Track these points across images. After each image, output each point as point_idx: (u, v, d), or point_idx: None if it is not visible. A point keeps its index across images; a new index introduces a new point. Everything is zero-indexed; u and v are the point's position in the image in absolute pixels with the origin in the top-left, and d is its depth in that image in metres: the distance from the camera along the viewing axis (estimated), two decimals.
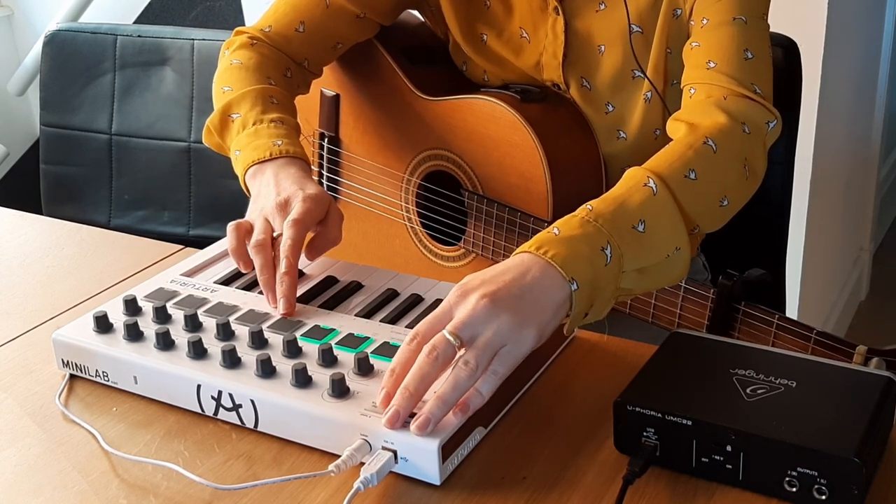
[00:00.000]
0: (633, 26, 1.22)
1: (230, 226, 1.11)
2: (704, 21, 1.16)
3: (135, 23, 2.83)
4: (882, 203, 3.38)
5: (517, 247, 1.02)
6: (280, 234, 1.08)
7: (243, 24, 2.62)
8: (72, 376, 1.06)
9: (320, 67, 1.36)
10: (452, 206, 1.31)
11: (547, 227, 1.04)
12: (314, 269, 1.18)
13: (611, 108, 1.25)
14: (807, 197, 2.22)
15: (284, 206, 1.10)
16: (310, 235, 1.12)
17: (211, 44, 2.07)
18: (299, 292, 1.11)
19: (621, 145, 1.28)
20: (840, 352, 0.97)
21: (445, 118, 1.29)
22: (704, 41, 1.16)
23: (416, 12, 1.43)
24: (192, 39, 2.09)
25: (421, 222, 1.34)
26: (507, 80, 1.33)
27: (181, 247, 1.37)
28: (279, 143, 1.17)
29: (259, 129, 1.19)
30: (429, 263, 1.34)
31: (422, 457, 0.85)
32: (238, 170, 1.19)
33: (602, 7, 1.23)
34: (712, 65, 1.14)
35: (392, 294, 1.11)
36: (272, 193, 1.12)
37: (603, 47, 1.24)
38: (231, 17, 2.71)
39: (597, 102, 1.27)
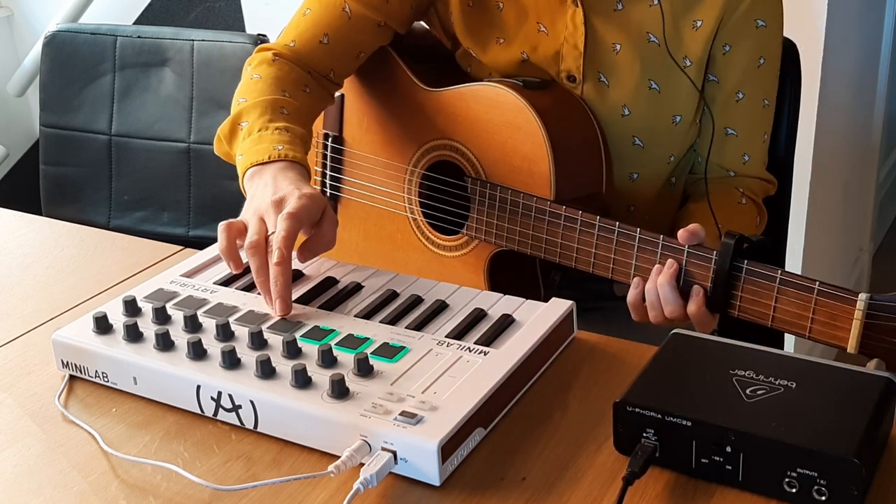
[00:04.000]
0: (650, 35, 1.25)
1: (221, 225, 1.10)
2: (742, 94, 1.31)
3: (134, 23, 2.83)
4: (881, 204, 3.38)
5: (521, 227, 1.11)
6: (274, 232, 1.08)
7: (243, 25, 2.63)
8: (71, 377, 1.06)
9: (344, 78, 1.38)
10: (455, 194, 1.32)
11: (550, 206, 1.16)
12: (314, 269, 1.18)
13: (627, 112, 1.27)
14: (806, 197, 2.22)
15: (279, 204, 1.09)
16: (303, 239, 1.12)
17: (210, 45, 2.08)
18: (299, 293, 1.12)
19: (637, 153, 1.30)
20: (843, 300, 0.98)
21: (448, 107, 1.31)
22: (755, 119, 1.34)
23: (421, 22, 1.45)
24: (192, 40, 2.09)
25: (423, 212, 1.35)
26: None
27: (181, 247, 1.38)
28: (280, 147, 1.17)
29: (263, 135, 1.20)
30: (431, 255, 1.34)
31: (421, 457, 0.86)
32: (239, 174, 1.20)
33: (619, 7, 1.25)
34: (766, 137, 1.35)
35: (392, 295, 1.11)
36: (269, 193, 1.12)
37: (618, 46, 1.26)
38: (231, 17, 2.71)
39: (613, 102, 1.28)
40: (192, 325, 1.04)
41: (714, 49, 1.27)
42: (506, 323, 1.04)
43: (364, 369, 0.95)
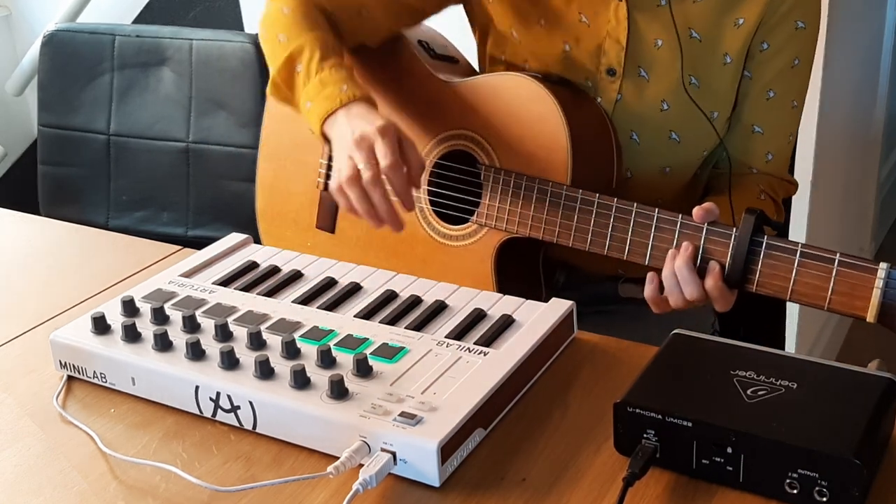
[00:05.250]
0: (692, 31, 1.26)
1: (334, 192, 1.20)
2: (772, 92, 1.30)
3: (133, 23, 2.82)
4: (882, 204, 3.38)
5: (534, 212, 1.20)
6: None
7: (242, 25, 2.63)
8: (70, 377, 1.05)
9: (346, 34, 1.39)
10: (466, 181, 1.32)
11: (566, 190, 1.20)
12: (314, 269, 1.18)
13: (665, 107, 1.27)
14: (807, 197, 2.22)
15: (360, 141, 1.17)
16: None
17: (210, 44, 2.07)
18: (299, 293, 1.12)
19: (672, 148, 1.30)
20: (864, 269, 1.00)
21: (465, 98, 1.31)
22: (785, 118, 1.33)
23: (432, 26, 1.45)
24: (191, 40, 2.09)
25: (430, 201, 1.35)
26: (550, 71, 1.34)
27: (180, 247, 1.37)
28: (344, 88, 1.24)
29: (323, 77, 1.26)
30: (436, 245, 1.34)
31: (421, 458, 0.85)
32: (312, 122, 1.26)
33: (663, 3, 1.26)
34: (791, 138, 1.34)
35: (391, 295, 1.11)
36: (347, 134, 1.20)
37: (660, 42, 1.26)
38: (230, 17, 2.71)
39: (652, 98, 1.28)
40: (191, 325, 1.04)
41: (752, 45, 1.27)
42: (506, 323, 1.04)
43: (363, 370, 0.95)
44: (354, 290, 1.13)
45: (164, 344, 1.01)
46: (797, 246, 1.03)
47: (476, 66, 1.48)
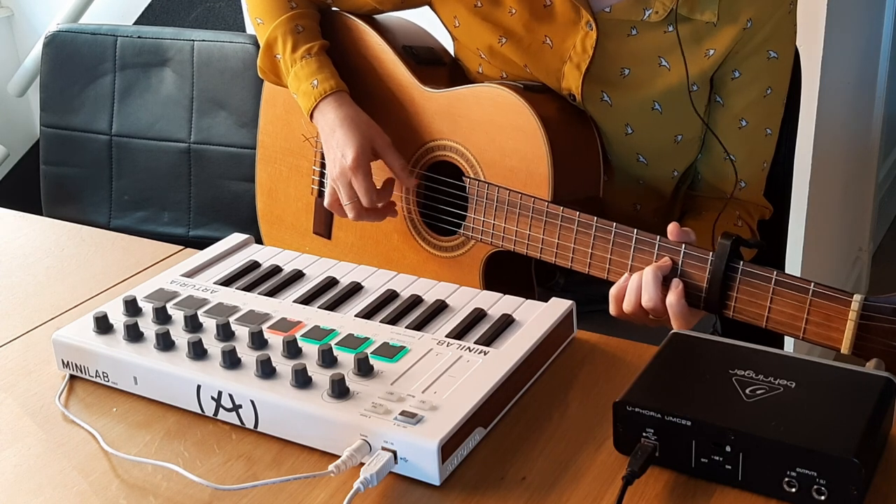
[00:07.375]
0: (662, 59, 1.26)
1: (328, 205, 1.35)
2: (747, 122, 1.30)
3: (135, 24, 2.83)
4: (881, 204, 3.38)
5: (518, 227, 1.20)
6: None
7: (243, 25, 2.63)
8: (72, 377, 1.06)
9: None
10: (453, 194, 1.32)
11: (548, 206, 1.18)
12: (315, 269, 1.19)
13: (630, 131, 1.27)
14: (806, 197, 2.22)
15: (341, 177, 1.29)
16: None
17: (211, 45, 2.08)
18: (300, 293, 1.12)
19: (642, 169, 1.31)
20: (838, 301, 0.98)
21: (448, 108, 1.31)
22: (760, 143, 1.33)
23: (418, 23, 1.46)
24: (192, 40, 2.09)
25: (420, 212, 1.35)
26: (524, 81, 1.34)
27: (181, 247, 1.38)
28: (315, 83, 1.33)
29: (297, 71, 1.34)
30: (426, 256, 1.35)
31: (421, 457, 0.86)
32: (304, 113, 1.36)
33: (633, 32, 1.25)
34: (765, 165, 1.35)
35: (392, 295, 1.11)
36: (329, 159, 1.32)
37: (627, 70, 1.26)
38: (231, 18, 2.71)
39: (616, 120, 1.28)
40: (193, 324, 1.04)
41: (723, 72, 1.27)
42: (506, 323, 1.04)
43: (364, 369, 0.95)
44: (355, 289, 1.13)
45: (166, 343, 1.01)
46: (772, 273, 1.02)
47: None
